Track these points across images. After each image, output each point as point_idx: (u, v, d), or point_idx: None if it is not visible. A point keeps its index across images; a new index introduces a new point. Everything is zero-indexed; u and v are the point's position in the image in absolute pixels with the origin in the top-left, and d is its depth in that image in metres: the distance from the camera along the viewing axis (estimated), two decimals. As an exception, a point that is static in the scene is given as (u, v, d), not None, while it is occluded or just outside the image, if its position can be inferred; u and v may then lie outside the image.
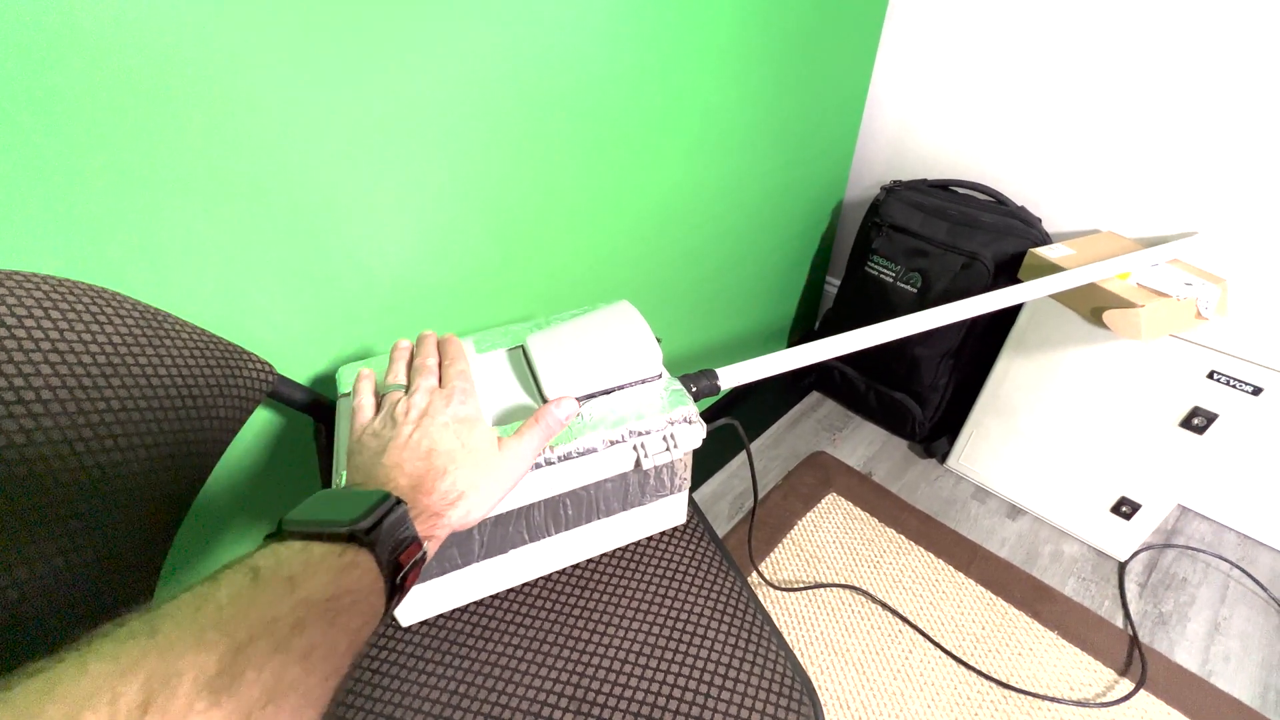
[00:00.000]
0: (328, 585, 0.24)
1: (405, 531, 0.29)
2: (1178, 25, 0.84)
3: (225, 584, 0.23)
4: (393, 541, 0.28)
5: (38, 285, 0.34)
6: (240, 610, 0.21)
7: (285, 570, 0.24)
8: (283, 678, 0.21)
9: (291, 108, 0.46)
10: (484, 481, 0.35)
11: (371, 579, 0.26)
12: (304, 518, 0.28)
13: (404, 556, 0.28)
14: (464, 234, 0.64)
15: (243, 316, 0.51)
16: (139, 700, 0.17)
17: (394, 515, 0.28)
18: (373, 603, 0.26)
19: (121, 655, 0.18)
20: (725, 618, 0.51)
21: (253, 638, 0.21)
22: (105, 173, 0.40)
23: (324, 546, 0.26)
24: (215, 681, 0.19)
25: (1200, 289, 0.80)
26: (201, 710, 0.18)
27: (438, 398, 0.37)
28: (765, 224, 1.10)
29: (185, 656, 0.19)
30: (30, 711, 0.16)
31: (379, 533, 0.27)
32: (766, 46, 0.86)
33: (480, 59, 0.56)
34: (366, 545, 0.26)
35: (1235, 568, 1.02)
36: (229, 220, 0.47)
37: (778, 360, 0.58)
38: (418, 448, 0.34)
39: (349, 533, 0.26)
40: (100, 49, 0.37)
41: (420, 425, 0.35)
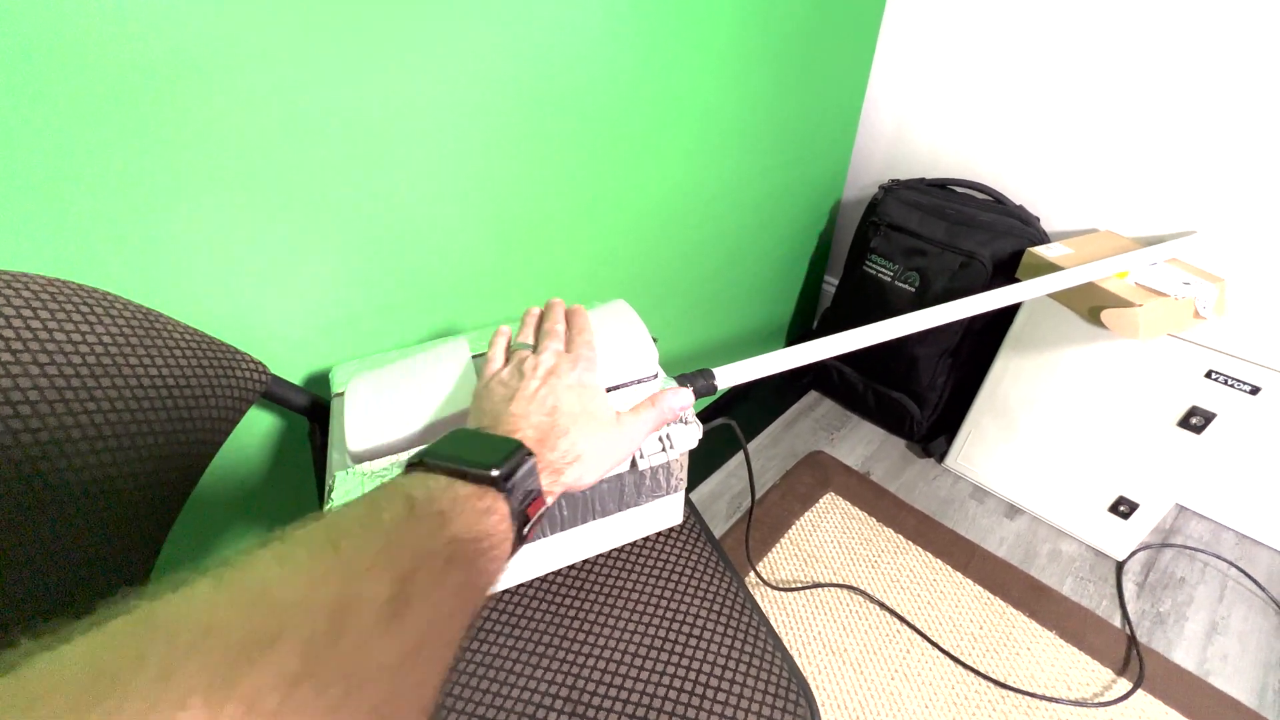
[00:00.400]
0: (472, 525, 0.24)
1: (533, 484, 0.29)
2: (1176, 23, 0.84)
3: (385, 509, 0.23)
4: (523, 492, 0.28)
5: (26, 285, 0.34)
6: (402, 538, 0.21)
7: (437, 504, 0.24)
8: (439, 610, 0.21)
9: (286, 105, 0.46)
10: (600, 447, 0.35)
11: (505, 527, 0.26)
12: (447, 453, 0.27)
13: (531, 508, 0.28)
14: (460, 233, 0.63)
15: (236, 316, 0.50)
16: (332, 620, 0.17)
17: (526, 466, 0.28)
18: (503, 550, 0.26)
19: (314, 566, 0.19)
20: (721, 619, 0.51)
21: (415, 567, 0.21)
22: (95, 171, 0.39)
23: (468, 487, 0.26)
24: (387, 609, 0.19)
25: (1198, 288, 0.79)
26: (382, 635, 0.18)
27: (564, 360, 0.38)
28: (763, 223, 1.10)
29: (364, 579, 0.19)
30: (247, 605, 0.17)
31: (514, 481, 0.27)
32: (765, 46, 0.86)
33: (480, 58, 0.55)
34: (503, 492, 0.26)
35: (1233, 567, 1.02)
36: (221, 219, 0.46)
37: (775, 360, 0.58)
38: (543, 403, 0.34)
39: (490, 477, 0.26)
40: (90, 46, 0.36)
41: (547, 382, 0.36)
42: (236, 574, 0.18)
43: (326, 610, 0.17)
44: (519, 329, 0.43)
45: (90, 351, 0.35)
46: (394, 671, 0.18)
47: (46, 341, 0.33)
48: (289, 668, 0.15)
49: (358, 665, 0.17)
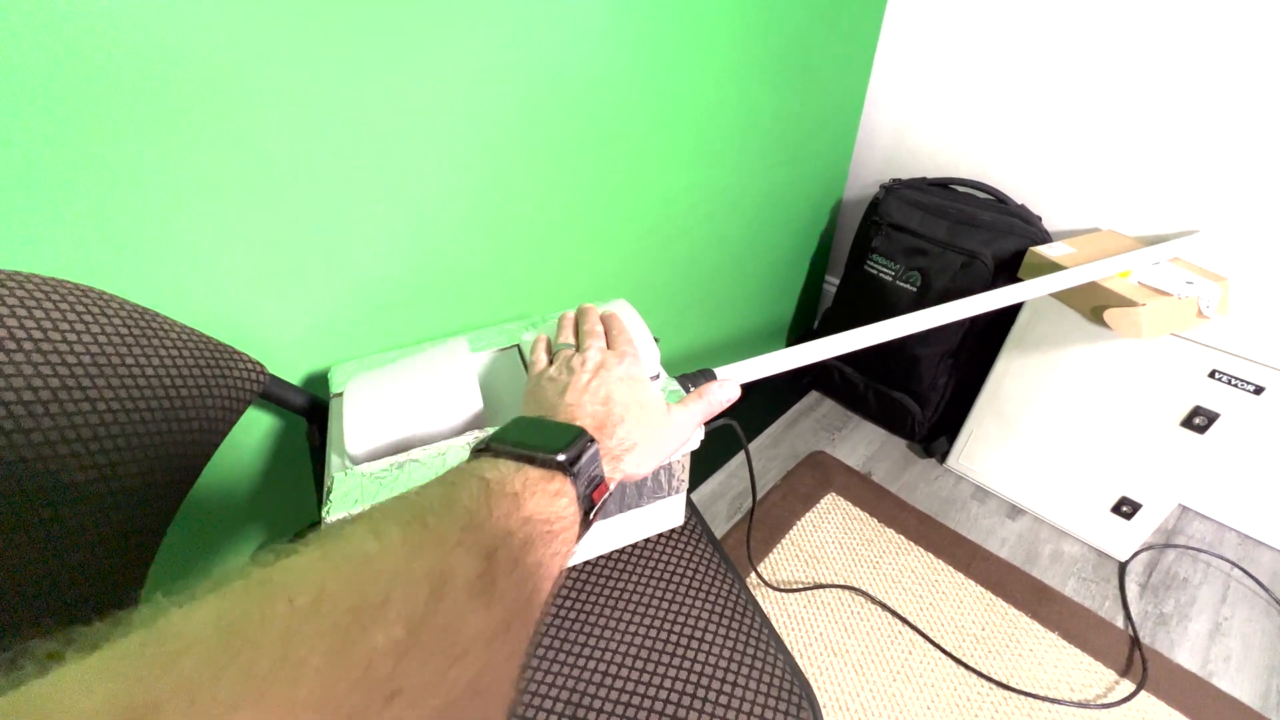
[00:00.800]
0: (545, 508, 0.24)
1: (597, 469, 0.29)
2: (1178, 22, 0.84)
3: (464, 488, 0.23)
4: (588, 477, 0.28)
5: (21, 284, 0.34)
6: (482, 518, 0.22)
7: (510, 487, 0.24)
8: (523, 588, 0.21)
9: (286, 105, 0.45)
10: (654, 437, 0.36)
11: (573, 510, 0.26)
12: (514, 438, 0.28)
13: (596, 494, 0.28)
14: (460, 232, 0.63)
15: (234, 316, 0.50)
16: (425, 595, 0.17)
17: (589, 451, 0.29)
18: (572, 533, 0.26)
19: (409, 539, 0.19)
20: (723, 620, 0.50)
21: (496, 547, 0.21)
22: (93, 170, 0.39)
23: (537, 471, 0.26)
24: (477, 584, 0.19)
25: (1201, 287, 0.79)
26: (474, 609, 0.18)
27: (610, 355, 0.38)
28: (764, 222, 1.10)
29: (454, 554, 0.19)
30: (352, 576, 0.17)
31: (580, 466, 0.27)
32: (766, 46, 0.86)
33: (481, 60, 0.55)
34: (570, 477, 0.27)
35: (1236, 568, 1.02)
36: (220, 218, 0.46)
37: (776, 360, 0.57)
38: (596, 393, 0.35)
39: (558, 461, 0.26)
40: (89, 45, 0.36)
41: (597, 374, 0.36)
42: (339, 544, 0.18)
43: (426, 581, 0.18)
44: (556, 332, 0.44)
45: (86, 351, 0.35)
46: (487, 644, 0.18)
47: (41, 341, 0.33)
48: (396, 635, 0.16)
49: (457, 636, 0.17)
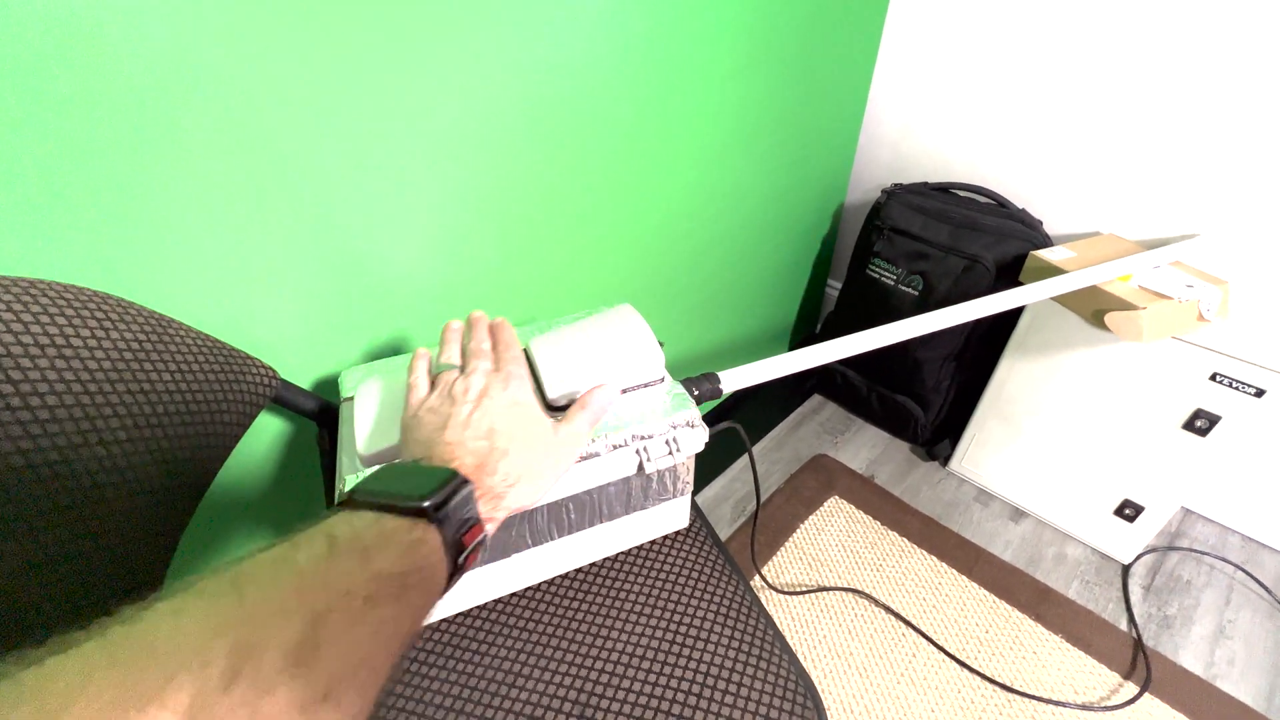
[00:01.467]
0: (398, 560, 0.24)
1: (469, 512, 0.29)
2: (1178, 27, 0.84)
3: (304, 548, 0.22)
4: (458, 521, 0.28)
5: (44, 291, 0.35)
6: (319, 579, 0.21)
7: (360, 541, 0.24)
8: (357, 651, 0.20)
9: (297, 112, 0.46)
10: (543, 465, 0.35)
11: (437, 558, 0.26)
12: (375, 489, 0.27)
13: (467, 537, 0.28)
14: (467, 237, 0.64)
15: (246, 322, 0.51)
16: (227, 667, 0.17)
17: (461, 494, 0.28)
18: (436, 582, 0.26)
19: (210, 616, 0.18)
20: (728, 621, 0.51)
21: (330, 608, 0.20)
22: (111, 179, 0.40)
23: (395, 520, 0.25)
24: (296, 653, 0.18)
25: (1202, 291, 0.80)
26: (285, 681, 0.18)
27: (495, 380, 0.37)
28: (767, 227, 1.11)
29: (269, 624, 0.19)
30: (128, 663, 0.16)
31: (447, 511, 0.27)
32: (769, 51, 0.86)
33: (486, 65, 0.56)
34: (435, 523, 0.26)
35: (1239, 570, 1.02)
36: (233, 225, 0.47)
37: (780, 363, 0.58)
38: (479, 427, 0.34)
39: (420, 508, 0.26)
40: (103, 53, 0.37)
41: (480, 405, 0.35)
42: (123, 629, 0.17)
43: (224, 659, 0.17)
44: (439, 349, 0.42)
45: (106, 357, 0.36)
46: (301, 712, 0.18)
47: (64, 347, 0.34)
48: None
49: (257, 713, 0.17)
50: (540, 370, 0.48)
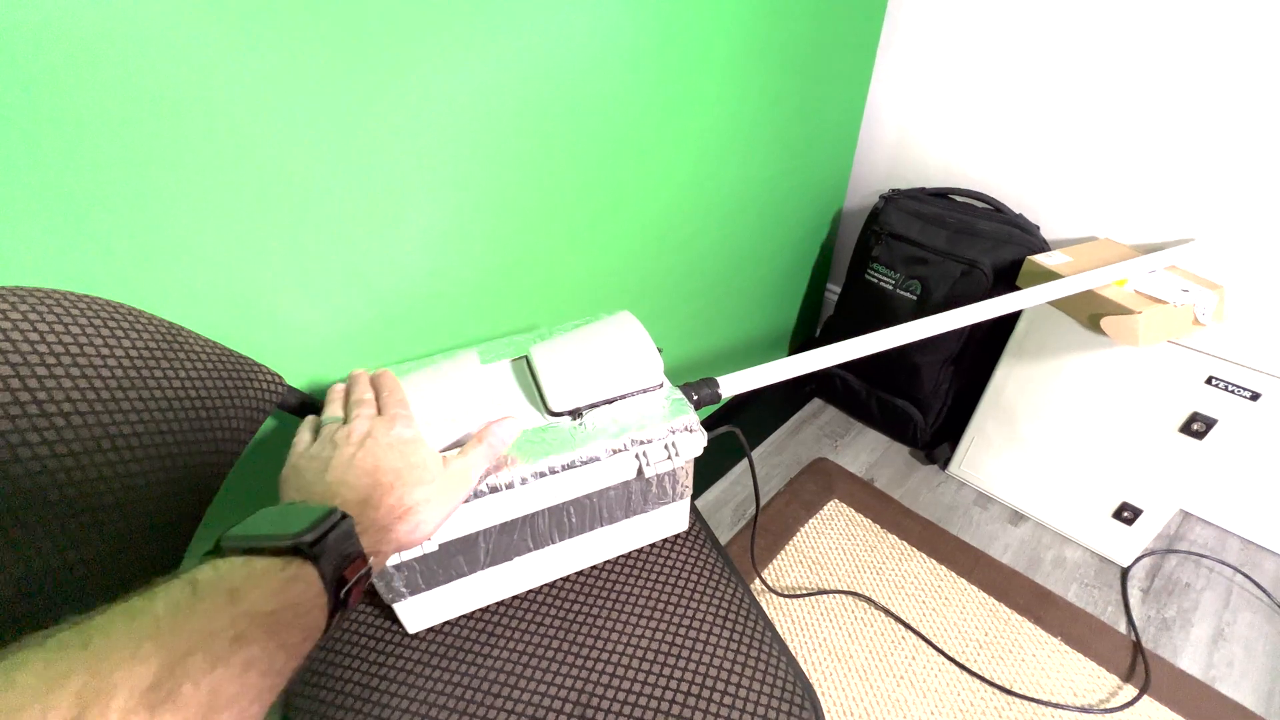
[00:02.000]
0: (269, 598, 0.24)
1: (351, 546, 0.29)
2: (1175, 33, 0.85)
3: (162, 597, 0.22)
4: (338, 556, 0.28)
5: (58, 301, 0.36)
6: (178, 622, 0.21)
7: (226, 583, 0.23)
8: (221, 691, 0.20)
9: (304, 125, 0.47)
10: (432, 496, 0.35)
11: (314, 593, 0.26)
12: (246, 533, 0.27)
13: (349, 571, 0.28)
14: (469, 246, 0.65)
15: (252, 329, 0.52)
16: (71, 715, 0.17)
17: (339, 529, 0.28)
18: (315, 617, 0.26)
19: (51, 667, 0.18)
20: (727, 624, 0.52)
21: (190, 650, 0.20)
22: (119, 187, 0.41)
23: (266, 560, 0.25)
24: (150, 695, 0.18)
25: (1197, 295, 0.80)
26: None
27: (379, 423, 0.38)
28: (766, 232, 1.12)
29: (120, 669, 0.19)
30: None
31: (324, 546, 0.27)
32: (766, 57, 0.87)
33: (484, 72, 0.57)
34: (310, 559, 0.26)
35: (1238, 573, 1.02)
36: (241, 235, 0.48)
37: (778, 368, 0.59)
38: (362, 465, 0.34)
39: (293, 546, 0.26)
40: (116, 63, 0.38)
41: (364, 445, 0.36)
42: None
43: (65, 705, 0.17)
44: (324, 407, 0.43)
45: (118, 365, 0.36)
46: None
47: (78, 355, 0.35)
48: None
49: None
50: (541, 378, 0.49)
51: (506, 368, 0.54)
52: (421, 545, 0.42)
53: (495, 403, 0.50)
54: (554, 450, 0.45)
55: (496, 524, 0.46)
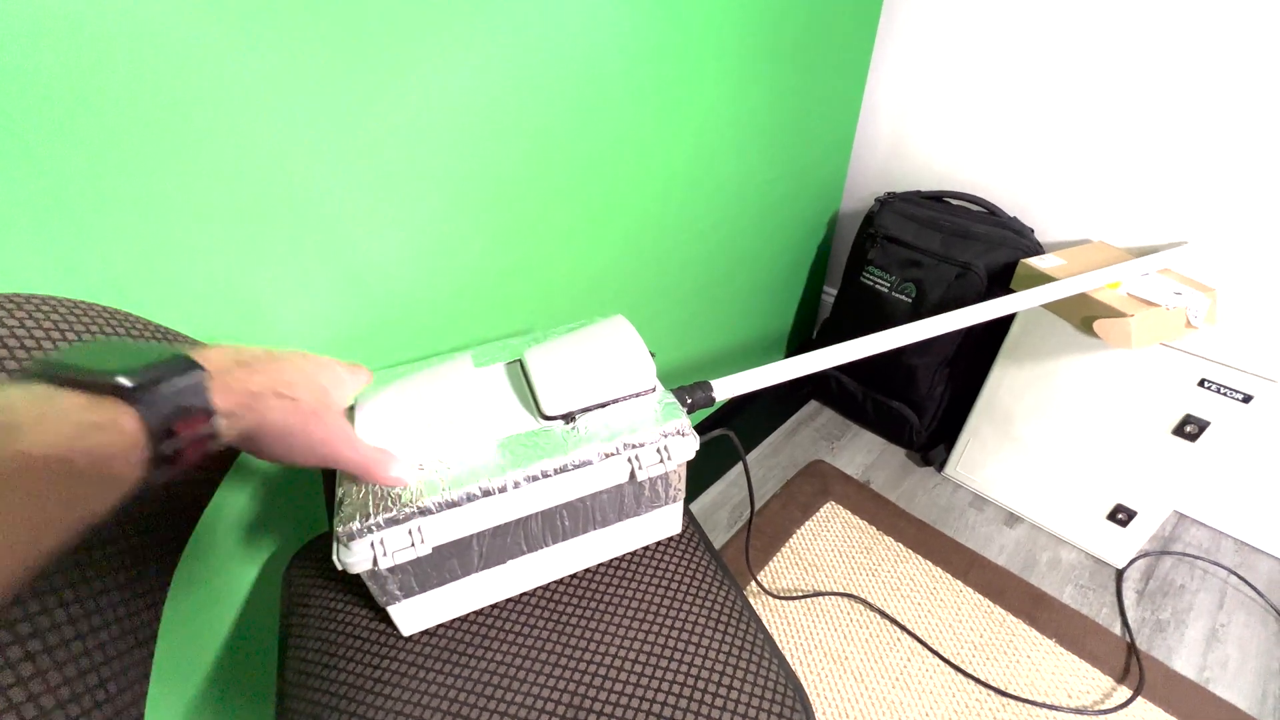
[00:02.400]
0: (60, 441, 0.21)
1: (193, 399, 0.25)
2: (1168, 38, 0.86)
3: None
4: (171, 406, 0.24)
5: (54, 309, 0.36)
6: None
7: (11, 415, 0.20)
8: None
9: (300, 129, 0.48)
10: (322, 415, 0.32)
11: (126, 444, 0.23)
12: (63, 360, 0.24)
13: (181, 425, 0.24)
14: (462, 249, 0.65)
15: (245, 333, 0.52)
16: None
17: (182, 380, 0.25)
18: (123, 470, 0.23)
19: None
20: (720, 628, 0.52)
21: None
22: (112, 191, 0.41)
23: (74, 397, 0.22)
24: None
25: (1190, 298, 0.81)
26: None
27: None
28: (761, 235, 1.12)
29: None
30: None
31: (153, 394, 0.23)
32: (761, 60, 0.88)
33: (478, 74, 0.57)
34: (133, 404, 0.23)
35: (1232, 574, 1.03)
36: (232, 237, 0.48)
37: (772, 371, 0.59)
38: (272, 356, 0.31)
39: (111, 385, 0.23)
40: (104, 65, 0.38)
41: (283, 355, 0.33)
42: None
43: None
44: None
45: (114, 370, 0.37)
46: None
47: (73, 361, 0.35)
48: None
49: None
50: (535, 381, 0.50)
51: (500, 371, 0.54)
52: (415, 549, 0.43)
53: (489, 406, 0.50)
54: (547, 454, 0.46)
55: (490, 527, 0.47)
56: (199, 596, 0.59)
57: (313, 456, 0.33)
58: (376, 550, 0.42)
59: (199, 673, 0.62)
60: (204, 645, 0.62)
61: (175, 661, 0.60)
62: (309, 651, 0.51)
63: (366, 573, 0.44)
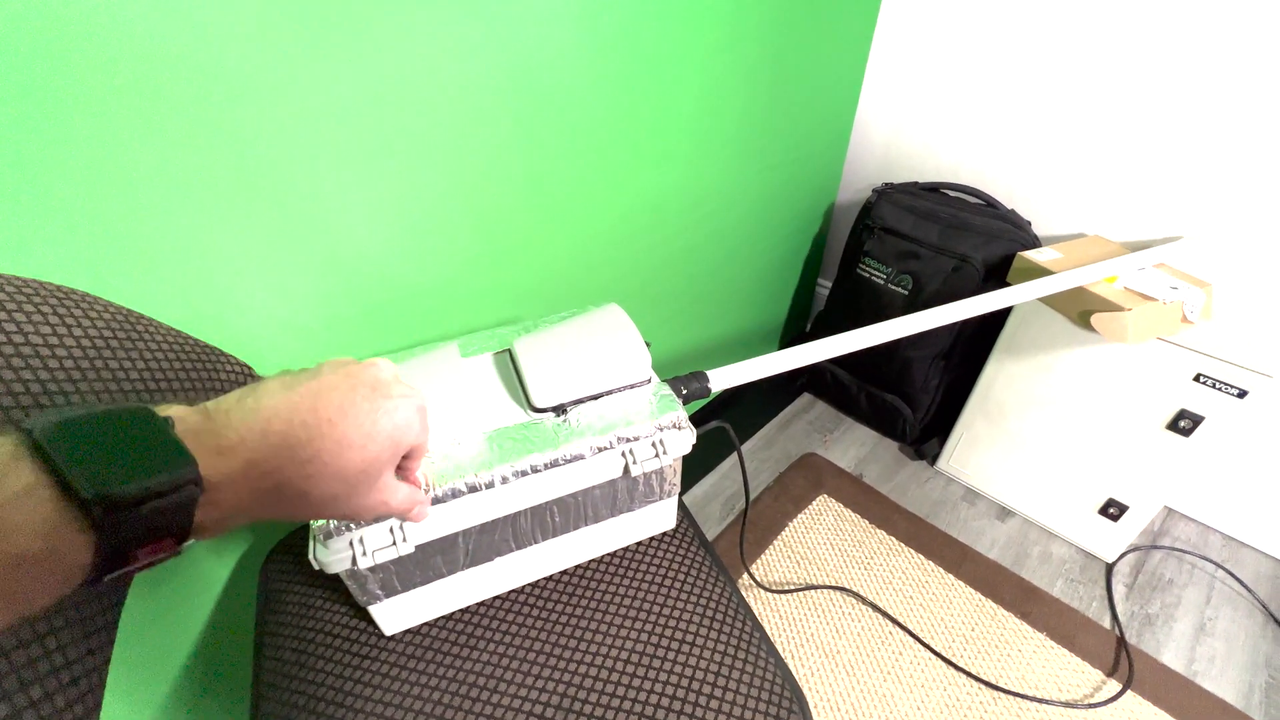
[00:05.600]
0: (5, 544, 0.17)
1: (171, 520, 0.20)
2: (1166, 31, 0.85)
3: None
4: (141, 530, 0.20)
5: (1, 286, 0.33)
6: None
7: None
8: None
9: (277, 107, 0.45)
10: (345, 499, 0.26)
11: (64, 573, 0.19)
12: (64, 433, 0.19)
13: (143, 551, 0.20)
14: (450, 233, 0.63)
15: (222, 317, 0.49)
16: None
17: (170, 499, 0.20)
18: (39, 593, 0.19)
19: None
20: (714, 624, 0.50)
21: None
22: (78, 167, 0.38)
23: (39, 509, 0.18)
24: None
25: (1186, 293, 0.80)
26: None
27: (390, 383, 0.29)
28: (757, 225, 1.10)
29: None
30: None
31: (128, 517, 0.19)
32: (757, 48, 0.86)
33: (468, 58, 0.55)
34: (94, 526, 0.19)
35: (1220, 569, 1.03)
36: (208, 217, 0.45)
37: (769, 362, 0.57)
38: (319, 397, 0.25)
39: (87, 501, 0.18)
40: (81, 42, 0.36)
41: (349, 380, 0.27)
42: None
43: None
44: None
45: (68, 355, 0.34)
46: None
47: (22, 345, 0.32)
48: None
49: None
50: (524, 372, 0.48)
51: (488, 361, 0.52)
52: (397, 547, 0.41)
53: (476, 398, 0.48)
54: (536, 448, 0.44)
55: (477, 524, 0.45)
56: (169, 594, 0.57)
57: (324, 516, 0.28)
58: (356, 549, 0.40)
59: (170, 672, 0.60)
60: (175, 644, 0.60)
61: (145, 660, 0.58)
62: (286, 651, 0.49)
63: (345, 572, 0.42)
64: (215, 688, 0.64)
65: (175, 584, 0.57)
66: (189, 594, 0.59)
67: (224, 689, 0.65)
